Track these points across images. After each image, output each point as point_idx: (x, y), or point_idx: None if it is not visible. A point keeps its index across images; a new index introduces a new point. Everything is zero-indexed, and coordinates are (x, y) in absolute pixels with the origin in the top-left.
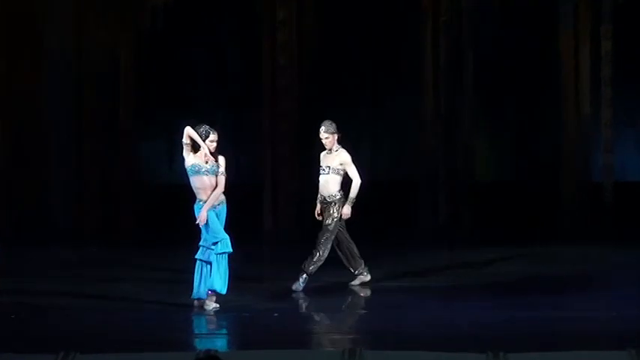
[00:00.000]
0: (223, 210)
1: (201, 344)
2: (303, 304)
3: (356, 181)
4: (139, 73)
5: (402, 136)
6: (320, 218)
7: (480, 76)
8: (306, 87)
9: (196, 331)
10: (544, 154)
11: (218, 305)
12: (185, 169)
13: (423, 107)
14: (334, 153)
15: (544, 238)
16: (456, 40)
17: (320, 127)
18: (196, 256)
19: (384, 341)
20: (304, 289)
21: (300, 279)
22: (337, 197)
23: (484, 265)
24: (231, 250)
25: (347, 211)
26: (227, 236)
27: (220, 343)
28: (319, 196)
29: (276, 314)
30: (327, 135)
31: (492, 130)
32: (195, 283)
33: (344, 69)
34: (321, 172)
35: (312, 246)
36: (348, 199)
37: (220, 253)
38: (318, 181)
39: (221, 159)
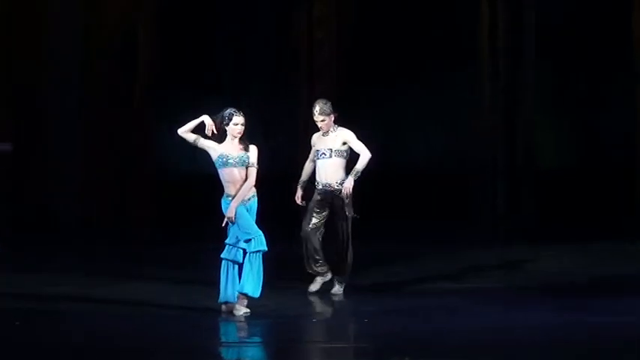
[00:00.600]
0: (254, 205)
1: (229, 354)
2: (344, 309)
3: (365, 155)
4: (157, 52)
5: (454, 118)
6: (303, 204)
7: (542, 47)
8: (346, 65)
9: (223, 339)
10: (615, 137)
11: (249, 310)
12: (213, 162)
13: (479, 85)
14: (332, 134)
15: (614, 233)
16: (515, 5)
17: (313, 107)
18: (222, 256)
19: (432, 350)
20: (344, 292)
21: (338, 281)
22: None
23: (546, 263)
24: (266, 248)
25: (349, 184)
26: (261, 233)
27: (251, 353)
28: (320, 183)
29: (314, 320)
30: (322, 117)
31: (557, 109)
32: (222, 286)
33: (387, 44)
34: (321, 156)
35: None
36: (353, 171)
37: (254, 252)
38: (313, 167)
39: (252, 148)
